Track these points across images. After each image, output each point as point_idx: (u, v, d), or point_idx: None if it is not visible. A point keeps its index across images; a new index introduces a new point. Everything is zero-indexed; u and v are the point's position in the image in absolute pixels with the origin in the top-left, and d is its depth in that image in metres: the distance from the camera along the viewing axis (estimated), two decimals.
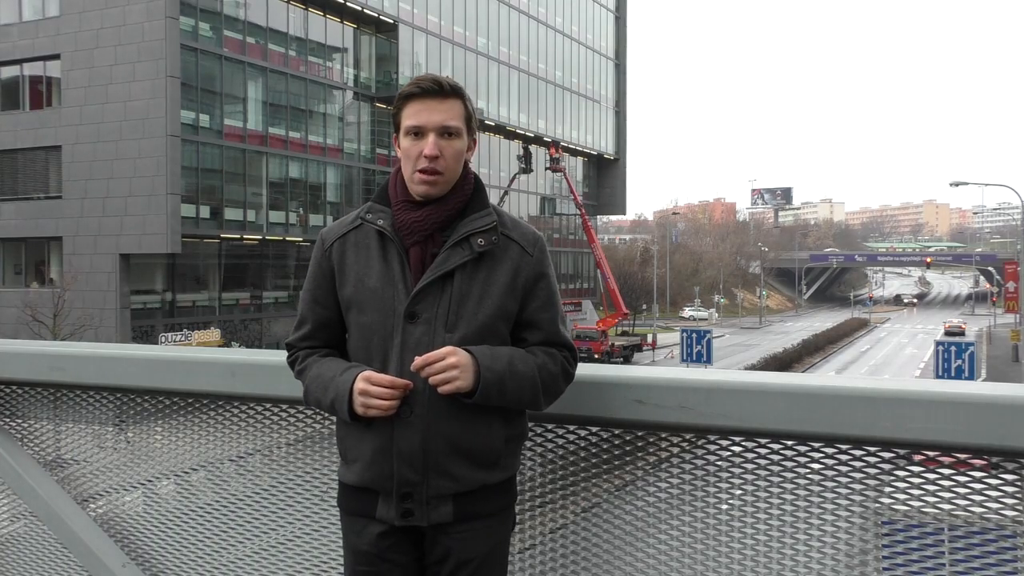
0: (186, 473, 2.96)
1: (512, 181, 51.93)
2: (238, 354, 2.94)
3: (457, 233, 2.06)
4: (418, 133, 2.06)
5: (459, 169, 2.10)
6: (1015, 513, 2.03)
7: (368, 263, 2.09)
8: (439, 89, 2.06)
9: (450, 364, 1.94)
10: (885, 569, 2.13)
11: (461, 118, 2.08)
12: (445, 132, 2.06)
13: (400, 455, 2.01)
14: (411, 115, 2.07)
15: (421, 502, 2.03)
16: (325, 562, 2.69)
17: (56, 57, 36.64)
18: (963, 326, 69.78)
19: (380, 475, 2.04)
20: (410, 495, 2.03)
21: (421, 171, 2.05)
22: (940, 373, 26.95)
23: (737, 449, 2.23)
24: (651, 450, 2.34)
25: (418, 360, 1.95)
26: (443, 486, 2.03)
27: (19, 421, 3.21)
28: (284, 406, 2.72)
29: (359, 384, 1.98)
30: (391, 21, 45.48)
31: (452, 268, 2.03)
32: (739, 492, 2.23)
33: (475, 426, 2.03)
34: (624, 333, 57.78)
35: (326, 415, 2.63)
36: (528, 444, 2.39)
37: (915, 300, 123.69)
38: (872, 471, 2.12)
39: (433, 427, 2.01)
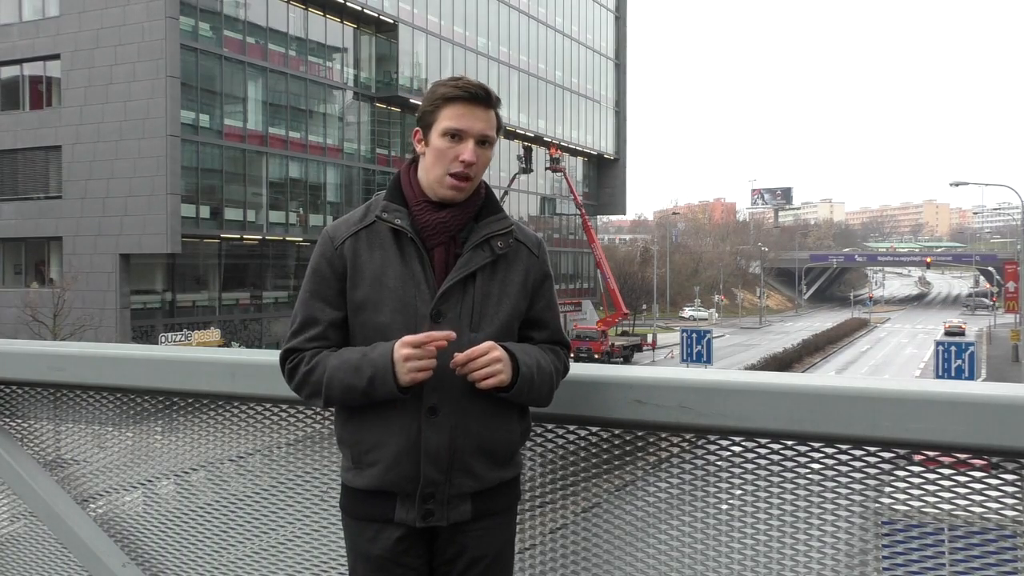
0: (186, 473, 2.96)
1: (512, 181, 51.90)
2: (238, 354, 2.94)
3: (477, 235, 2.07)
4: (456, 136, 2.04)
5: (481, 177, 2.12)
6: (1015, 513, 2.03)
7: (385, 262, 2.05)
8: (486, 97, 2.06)
9: (494, 358, 1.95)
10: (885, 569, 2.13)
11: (495, 129, 2.10)
12: (483, 140, 2.06)
13: (427, 455, 2.01)
14: (453, 117, 2.04)
15: (442, 502, 2.03)
16: (325, 562, 2.68)
17: (56, 57, 36.63)
18: (963, 326, 69.77)
19: (403, 476, 2.02)
20: (432, 495, 2.02)
21: (454, 175, 2.04)
22: (940, 373, 26.94)
23: (737, 449, 2.23)
24: (651, 450, 2.34)
25: (459, 356, 1.95)
26: (465, 484, 2.03)
27: (19, 421, 3.21)
28: (284, 406, 2.72)
29: (402, 351, 1.93)
30: (391, 21, 45.46)
31: (475, 269, 2.05)
32: (739, 492, 2.23)
33: (498, 423, 2.06)
34: (624, 333, 57.76)
35: (326, 415, 2.63)
36: (528, 444, 2.39)
37: (991, 303, 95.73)
38: (872, 471, 2.12)
39: (460, 426, 2.01)
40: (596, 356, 44.94)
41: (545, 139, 57.37)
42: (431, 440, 2.00)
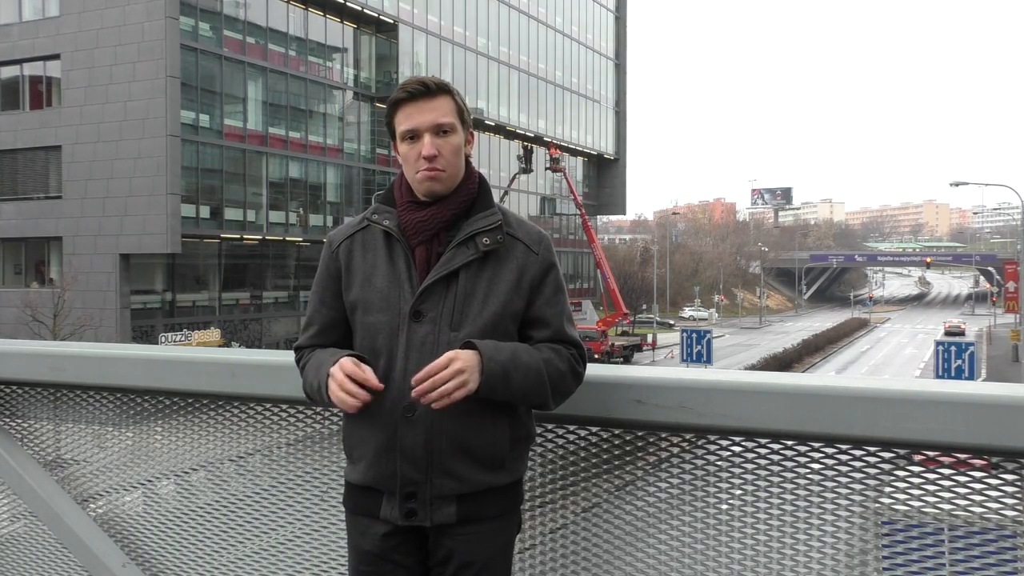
0: (186, 473, 2.96)
1: (512, 181, 51.91)
2: (238, 354, 2.94)
3: (462, 232, 2.06)
4: (413, 136, 2.07)
5: (460, 164, 2.10)
6: (1015, 513, 2.03)
7: (375, 263, 2.09)
8: (426, 89, 2.07)
9: (456, 370, 1.90)
10: (885, 569, 2.13)
11: (452, 113, 2.09)
12: (439, 130, 2.06)
13: (403, 454, 2.01)
14: (403, 119, 2.08)
15: (424, 502, 2.02)
16: (325, 562, 2.68)
17: (56, 57, 36.63)
18: (963, 326, 69.73)
19: (383, 474, 2.03)
20: (413, 495, 2.02)
21: (422, 171, 2.05)
22: (940, 373, 26.94)
23: (737, 449, 2.23)
24: (651, 450, 2.34)
25: (420, 386, 1.90)
26: (447, 486, 2.01)
27: (19, 421, 3.21)
28: (284, 406, 2.72)
29: (337, 373, 1.97)
30: (391, 21, 45.47)
31: (457, 267, 2.03)
32: (739, 492, 2.23)
33: (480, 425, 2.01)
34: (624, 333, 57.78)
35: (326, 415, 2.64)
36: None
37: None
38: (872, 471, 2.12)
39: (437, 425, 1.99)
40: (596, 356, 44.95)
41: (545, 139, 57.37)
42: (407, 439, 2.00)
